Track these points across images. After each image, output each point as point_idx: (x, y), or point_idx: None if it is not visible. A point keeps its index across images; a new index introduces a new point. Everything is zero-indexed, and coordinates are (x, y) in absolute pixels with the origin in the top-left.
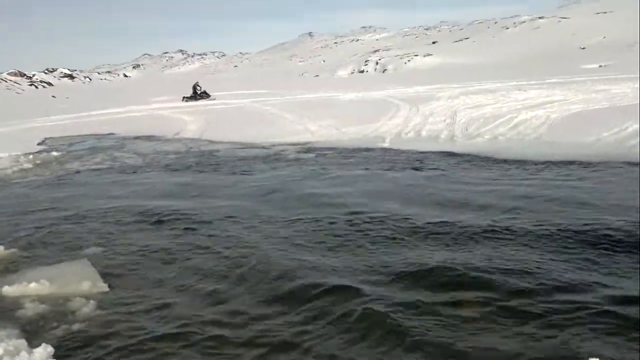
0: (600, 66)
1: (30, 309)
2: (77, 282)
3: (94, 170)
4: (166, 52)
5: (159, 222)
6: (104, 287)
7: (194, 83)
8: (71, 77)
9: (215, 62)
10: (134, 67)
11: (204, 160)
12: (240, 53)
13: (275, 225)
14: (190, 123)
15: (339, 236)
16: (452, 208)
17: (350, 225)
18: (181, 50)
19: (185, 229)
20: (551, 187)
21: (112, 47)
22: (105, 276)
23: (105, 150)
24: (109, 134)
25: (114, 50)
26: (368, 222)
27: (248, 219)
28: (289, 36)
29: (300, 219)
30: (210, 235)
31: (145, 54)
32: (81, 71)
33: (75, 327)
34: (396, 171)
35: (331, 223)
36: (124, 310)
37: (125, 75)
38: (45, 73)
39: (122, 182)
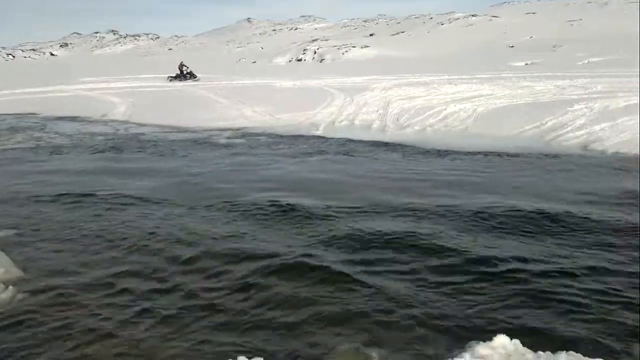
0: (526, 64)
1: None
2: None
3: (10, 149)
4: (97, 32)
5: (71, 202)
6: (17, 272)
7: (180, 63)
8: None
9: (148, 44)
10: (61, 46)
11: (126, 143)
12: (176, 36)
13: (180, 208)
14: (119, 105)
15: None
16: (358, 188)
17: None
18: (113, 31)
19: (96, 212)
20: (461, 174)
21: (39, 24)
22: (18, 261)
23: (25, 130)
24: (31, 113)
25: (40, 27)
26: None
27: (154, 204)
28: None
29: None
30: (118, 217)
31: (74, 33)
32: (3, 48)
33: None
34: (320, 156)
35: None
36: (37, 295)
37: (52, 54)
38: None
39: (37, 163)
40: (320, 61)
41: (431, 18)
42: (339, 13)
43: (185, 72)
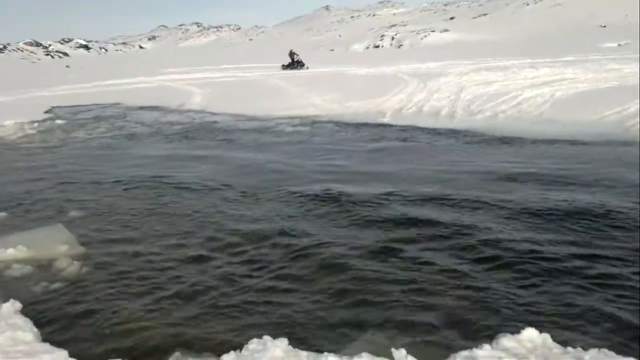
0: (619, 45)
1: (6, 273)
2: (53, 246)
3: (92, 138)
4: (182, 25)
5: (141, 187)
6: (81, 249)
7: (290, 51)
8: (87, 47)
9: (230, 35)
10: (149, 39)
11: (198, 131)
12: (256, 26)
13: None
14: (197, 95)
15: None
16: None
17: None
18: (197, 23)
19: (160, 195)
20: (517, 165)
21: (129, 18)
22: (82, 240)
23: (108, 119)
24: (116, 103)
25: (130, 21)
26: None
27: (221, 189)
28: (305, 10)
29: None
30: (183, 201)
31: (161, 26)
32: (97, 42)
33: (50, 287)
34: (373, 143)
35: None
36: (97, 272)
37: (141, 47)
38: (62, 43)
39: (114, 150)
40: (398, 47)
41: None
42: None
43: (295, 59)
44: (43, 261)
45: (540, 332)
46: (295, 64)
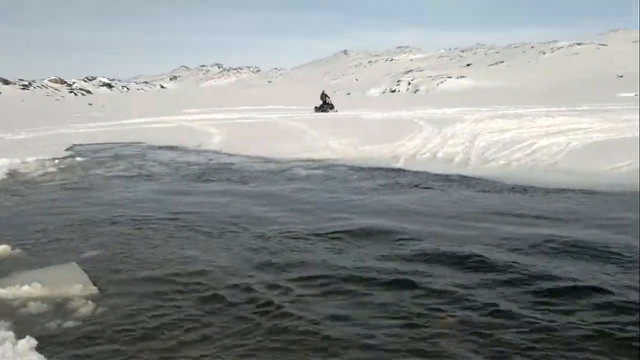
0: (636, 95)
1: (21, 310)
2: (67, 285)
3: (111, 177)
4: (203, 65)
5: (153, 229)
6: (94, 289)
7: (322, 92)
8: (109, 86)
9: (250, 77)
10: (170, 79)
11: (215, 172)
12: (275, 69)
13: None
14: (215, 135)
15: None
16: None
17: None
18: (217, 64)
19: (172, 237)
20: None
21: (151, 58)
22: (96, 280)
23: (127, 158)
24: (136, 142)
25: (152, 61)
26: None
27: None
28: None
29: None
30: (200, 247)
31: (182, 66)
32: (119, 80)
33: (64, 325)
34: (383, 191)
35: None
36: (111, 312)
37: (162, 87)
38: (85, 81)
39: (130, 189)
40: (415, 92)
41: (532, 47)
42: (435, 43)
43: (327, 102)
44: (57, 299)
45: None
46: (325, 105)
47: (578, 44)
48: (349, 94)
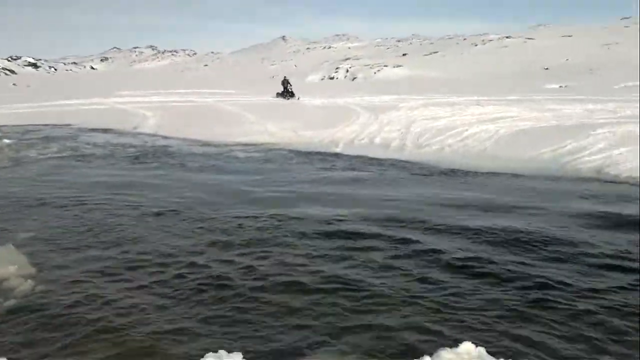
0: (560, 87)
1: None
2: (4, 266)
3: (44, 159)
4: (136, 47)
5: (88, 209)
6: (31, 270)
7: (283, 78)
8: (35, 66)
9: (185, 60)
10: (101, 60)
11: (150, 155)
12: (212, 52)
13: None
14: (151, 118)
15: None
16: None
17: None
18: (151, 46)
19: (108, 215)
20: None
21: (81, 39)
22: (32, 260)
23: (59, 140)
24: (67, 124)
25: (82, 42)
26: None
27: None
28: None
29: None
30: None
31: (114, 47)
32: (46, 61)
33: (5, 304)
34: (320, 171)
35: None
36: (49, 291)
37: (92, 68)
38: (9, 60)
39: (66, 171)
40: (353, 80)
41: (465, 39)
42: (372, 33)
43: (289, 89)
44: None
45: (477, 346)
46: (286, 92)
47: (507, 37)
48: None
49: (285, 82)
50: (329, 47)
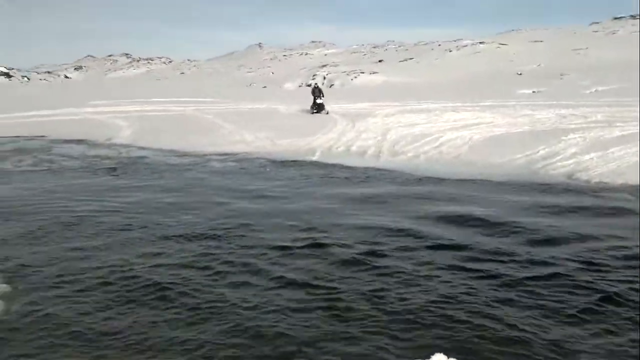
0: (533, 92)
1: None
2: None
3: (19, 172)
4: (110, 55)
5: (68, 225)
6: (5, 287)
7: (313, 85)
8: (8, 75)
9: (161, 68)
10: (75, 69)
11: (125, 166)
12: (189, 60)
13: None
14: (126, 128)
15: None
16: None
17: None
18: (126, 54)
19: (89, 233)
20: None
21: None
22: (8, 278)
23: (32, 152)
24: (40, 136)
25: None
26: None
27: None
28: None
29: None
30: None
31: (88, 56)
32: (19, 70)
33: None
34: (293, 180)
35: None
36: (24, 309)
37: (67, 77)
38: None
39: (33, 183)
40: (330, 86)
41: (439, 45)
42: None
43: (317, 101)
44: None
45: (448, 357)
46: (314, 105)
47: (481, 42)
48: (265, 87)
49: (317, 92)
50: (306, 54)
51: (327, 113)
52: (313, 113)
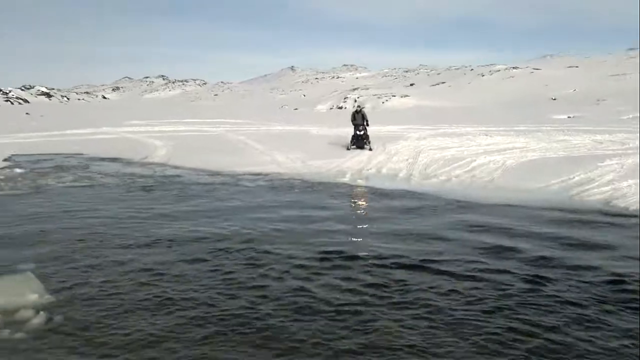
0: (569, 117)
1: None
2: (22, 294)
3: (50, 188)
4: (147, 77)
5: (100, 240)
6: (50, 298)
7: (356, 110)
8: (48, 95)
9: (196, 90)
10: (113, 90)
11: (159, 185)
12: (222, 82)
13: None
14: (161, 148)
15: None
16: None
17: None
18: (162, 76)
19: (124, 247)
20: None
21: (93, 68)
22: (52, 289)
23: (69, 170)
24: (77, 154)
25: (94, 72)
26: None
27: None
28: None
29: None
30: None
31: (125, 77)
32: (59, 90)
33: (18, 336)
34: (320, 202)
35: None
36: (67, 321)
37: (104, 97)
38: (22, 90)
39: (69, 201)
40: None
41: (472, 69)
42: (380, 63)
43: (361, 133)
44: (12, 309)
45: None
46: (354, 138)
47: (514, 67)
48: (296, 109)
49: (359, 118)
50: (337, 77)
51: (371, 150)
52: (350, 148)
